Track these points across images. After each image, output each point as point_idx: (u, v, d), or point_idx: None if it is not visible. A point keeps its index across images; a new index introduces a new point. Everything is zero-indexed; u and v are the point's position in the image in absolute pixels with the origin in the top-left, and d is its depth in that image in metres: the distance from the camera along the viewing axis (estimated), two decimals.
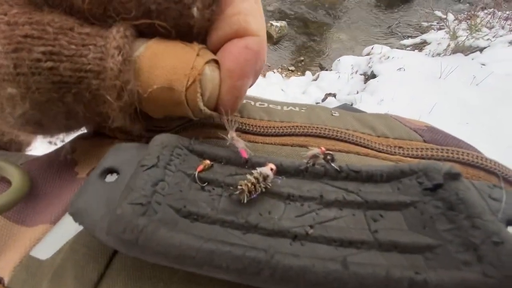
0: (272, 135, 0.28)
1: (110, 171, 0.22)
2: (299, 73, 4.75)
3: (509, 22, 4.50)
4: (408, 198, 0.18)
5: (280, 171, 0.21)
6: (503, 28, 4.32)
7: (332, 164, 0.21)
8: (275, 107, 0.34)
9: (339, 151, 0.26)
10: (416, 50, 4.62)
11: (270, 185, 0.19)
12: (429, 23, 5.78)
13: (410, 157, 0.27)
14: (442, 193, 0.18)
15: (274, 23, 5.32)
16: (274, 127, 0.29)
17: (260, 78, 4.26)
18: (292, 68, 4.88)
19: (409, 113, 2.59)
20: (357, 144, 0.27)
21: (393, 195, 0.19)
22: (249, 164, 0.22)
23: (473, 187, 0.18)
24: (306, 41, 5.45)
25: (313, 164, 0.21)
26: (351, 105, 3.06)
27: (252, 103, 0.34)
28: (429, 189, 0.18)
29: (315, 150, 0.21)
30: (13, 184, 0.25)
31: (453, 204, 0.17)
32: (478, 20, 4.28)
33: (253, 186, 0.18)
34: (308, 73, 4.66)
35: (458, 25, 4.53)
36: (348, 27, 5.90)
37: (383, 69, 3.23)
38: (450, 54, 3.77)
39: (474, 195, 0.17)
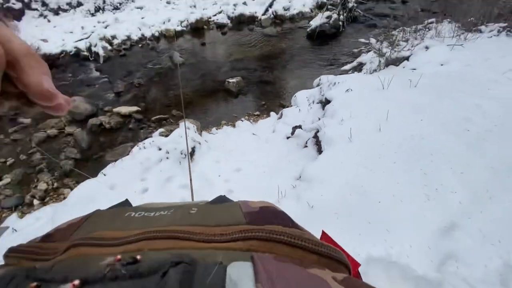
0: (117, 245, 0.32)
1: None
2: (264, 116, 4.94)
3: (418, 33, 5.18)
4: None
5: (84, 282, 0.23)
6: (415, 39, 4.94)
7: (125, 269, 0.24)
8: (148, 213, 0.40)
9: (164, 249, 0.29)
10: (356, 72, 5.07)
11: None
12: (359, 49, 6.48)
13: (228, 241, 0.31)
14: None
15: (231, 80, 5.67)
16: (119, 237, 0.33)
17: (231, 128, 4.29)
18: (257, 112, 5.09)
19: (368, 125, 2.73)
20: (182, 239, 0.31)
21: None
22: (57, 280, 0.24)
23: None
24: (263, 88, 5.81)
25: (109, 271, 0.24)
26: (318, 130, 3.17)
27: (132, 214, 0.40)
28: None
29: (110, 259, 0.25)
30: None
31: None
32: (394, 38, 4.89)
33: None
34: (272, 113, 4.87)
35: (381, 45, 5.12)
36: (295, 68, 6.43)
37: (334, 94, 3.46)
38: (384, 68, 4.17)
39: None
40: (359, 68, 5.35)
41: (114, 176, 2.82)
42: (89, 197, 2.53)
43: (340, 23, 7.65)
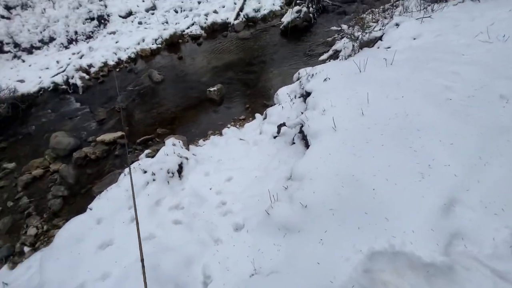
0: None
1: None
2: (250, 119, 4.79)
3: (387, 12, 5.10)
4: None
5: None
6: (385, 18, 4.85)
7: None
8: None
9: None
10: (332, 60, 4.96)
11: None
12: (332, 37, 6.38)
13: None
14: None
15: (212, 88, 5.52)
16: None
17: (218, 137, 4.14)
18: (243, 116, 4.94)
19: (351, 111, 2.59)
20: None
21: None
22: None
23: None
24: (245, 91, 5.67)
25: None
26: (302, 125, 3.03)
27: None
28: None
29: None
30: None
31: None
32: (365, 20, 4.79)
33: None
34: (257, 115, 4.72)
35: (352, 29, 5.03)
36: (274, 66, 6.31)
37: (313, 85, 3.34)
38: (358, 51, 4.06)
39: None
40: (335, 56, 5.25)
41: (101, 208, 2.65)
42: (76, 236, 2.36)
43: (311, 15, 7.56)
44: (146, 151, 4.06)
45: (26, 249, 3.11)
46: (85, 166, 4.23)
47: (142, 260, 1.18)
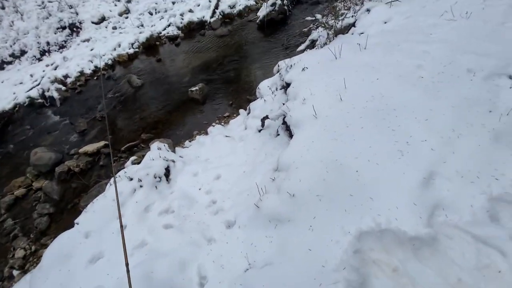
0: None
1: None
2: (234, 115, 4.76)
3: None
4: None
5: None
6: (356, 4, 4.88)
7: None
8: None
9: None
10: (309, 49, 4.97)
11: None
12: (308, 27, 6.39)
13: None
14: None
15: (193, 88, 5.43)
16: None
17: (204, 137, 4.08)
18: (227, 114, 4.89)
19: (329, 97, 2.61)
20: None
21: None
22: None
23: None
24: (227, 88, 5.61)
25: None
26: (284, 116, 3.03)
27: None
28: None
29: None
30: None
31: None
32: (337, 9, 4.81)
33: None
34: (241, 110, 4.70)
35: (326, 18, 5.04)
36: (254, 60, 6.27)
37: (292, 76, 3.33)
38: (333, 39, 4.08)
39: None
40: (312, 45, 5.26)
41: (88, 222, 2.57)
42: (64, 253, 2.29)
43: (286, 7, 7.53)
44: (132, 158, 3.96)
45: (15, 272, 2.99)
46: (69, 180, 4.09)
47: (126, 265, 1.16)
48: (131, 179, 2.93)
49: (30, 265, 3.05)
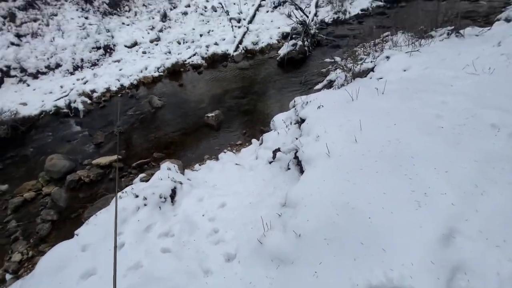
0: None
1: None
2: (247, 144, 4.78)
3: (377, 46, 5.37)
4: None
5: None
6: (376, 51, 5.09)
7: None
8: None
9: None
10: (326, 89, 5.09)
11: None
12: (326, 68, 6.64)
13: None
14: None
15: (210, 114, 5.59)
16: None
17: (214, 162, 4.09)
18: (239, 142, 4.94)
19: (344, 137, 2.59)
20: None
21: None
22: None
23: None
24: (242, 117, 5.74)
25: None
26: (296, 150, 3.01)
27: None
28: None
29: None
30: None
31: None
32: (357, 53, 5.01)
33: None
34: (254, 140, 4.73)
35: (346, 61, 5.24)
36: (271, 94, 6.47)
37: (307, 112, 3.38)
38: (351, 81, 4.18)
39: None
40: (329, 85, 5.40)
41: (88, 235, 2.51)
42: (58, 263, 2.20)
43: (306, 48, 7.94)
44: (141, 175, 3.97)
45: (8, 276, 2.88)
46: (78, 189, 4.11)
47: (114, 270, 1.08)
48: (137, 196, 2.90)
49: (24, 271, 2.95)
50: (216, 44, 9.59)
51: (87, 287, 2.13)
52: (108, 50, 9.98)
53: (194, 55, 9.21)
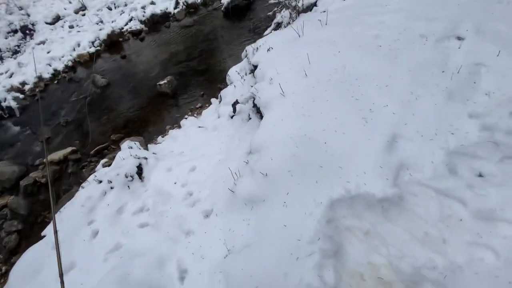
0: None
1: None
2: (207, 105, 4.63)
3: None
4: None
5: None
6: None
7: None
8: None
9: None
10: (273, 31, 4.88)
11: None
12: (272, 11, 6.27)
13: None
14: None
15: (162, 82, 5.20)
16: None
17: (177, 130, 3.93)
18: (199, 104, 4.75)
19: (295, 75, 2.57)
20: None
21: None
22: None
23: None
24: (197, 79, 5.43)
25: None
26: (254, 98, 2.97)
27: None
28: None
29: None
30: None
31: None
32: None
33: None
34: (213, 99, 4.57)
35: (289, 1, 4.95)
36: (222, 48, 6.10)
37: (258, 58, 3.25)
38: (296, 18, 4.02)
39: None
40: (277, 28, 5.16)
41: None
42: (33, 268, 2.13)
43: None
44: (102, 161, 3.75)
45: None
46: (36, 193, 3.81)
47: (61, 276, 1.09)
48: (100, 182, 2.77)
49: (1, 287, 2.85)
50: (152, 3, 8.48)
51: (68, 281, 2.12)
52: (28, 31, 8.45)
53: (131, 20, 8.13)
